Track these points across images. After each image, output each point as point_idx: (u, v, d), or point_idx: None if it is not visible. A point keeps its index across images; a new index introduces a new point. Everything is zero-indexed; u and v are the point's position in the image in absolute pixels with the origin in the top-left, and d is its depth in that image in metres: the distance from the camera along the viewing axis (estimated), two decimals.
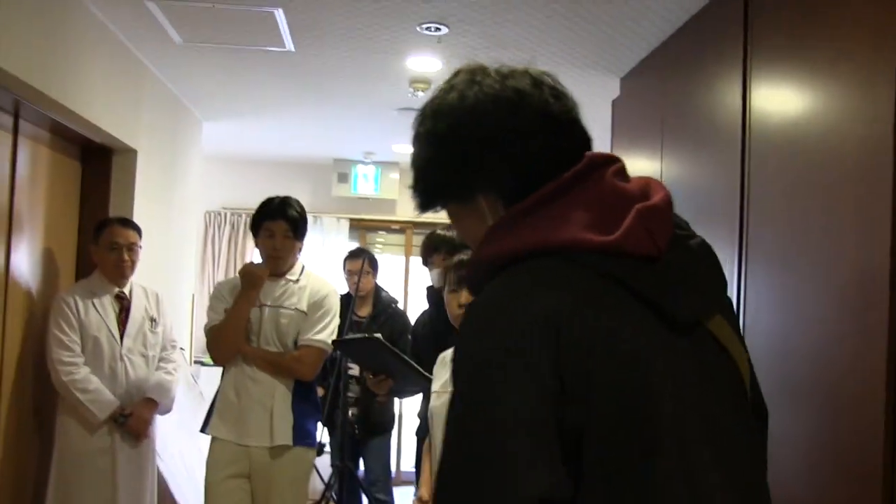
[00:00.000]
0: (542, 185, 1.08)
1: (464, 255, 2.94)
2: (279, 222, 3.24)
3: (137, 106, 4.07)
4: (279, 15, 3.26)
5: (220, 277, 6.43)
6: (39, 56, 2.98)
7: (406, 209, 7.10)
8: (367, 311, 4.69)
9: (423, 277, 7.22)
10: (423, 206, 1.23)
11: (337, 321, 3.40)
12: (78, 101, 3.31)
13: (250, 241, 6.65)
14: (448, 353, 2.91)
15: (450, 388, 3.21)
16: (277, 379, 3.22)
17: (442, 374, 2.84)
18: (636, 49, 3.59)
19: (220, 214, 6.71)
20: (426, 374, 3.08)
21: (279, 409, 3.22)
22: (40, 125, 3.48)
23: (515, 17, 3.26)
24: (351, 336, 3.81)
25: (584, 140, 1.16)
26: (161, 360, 3.61)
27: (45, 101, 3.10)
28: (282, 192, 3.38)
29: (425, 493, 2.78)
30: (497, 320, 0.99)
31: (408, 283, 7.29)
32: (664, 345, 1.01)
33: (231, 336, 3.21)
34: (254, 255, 6.54)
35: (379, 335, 3.37)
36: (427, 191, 1.21)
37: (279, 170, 6.84)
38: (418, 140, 1.19)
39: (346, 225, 6.96)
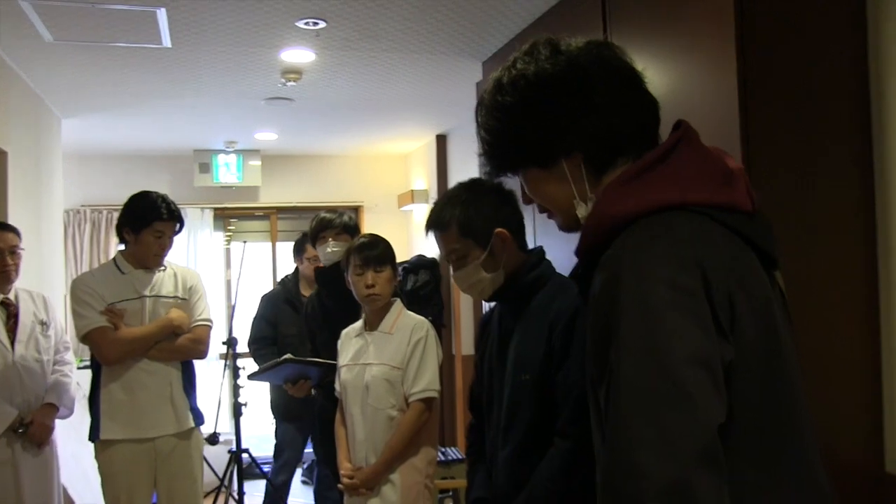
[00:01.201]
0: (624, 147, 1.19)
1: (364, 238, 3.12)
2: (169, 223, 3.35)
3: (3, 107, 3.96)
4: (161, 14, 3.29)
5: None
6: None
7: (269, 195, 7.14)
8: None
9: (289, 262, 7.34)
10: (499, 171, 1.30)
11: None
12: None
13: (113, 238, 6.51)
14: (350, 329, 3.08)
15: (362, 361, 3.34)
16: (170, 366, 3.35)
17: (348, 348, 3.03)
18: (498, 36, 3.85)
19: (79, 212, 6.52)
20: (334, 362, 3.17)
21: (177, 395, 3.36)
22: None
23: (389, 10, 3.45)
24: (264, 366, 3.91)
25: (656, 105, 1.25)
26: (55, 363, 3.56)
27: None
28: (142, 186, 3.46)
29: (348, 465, 2.92)
30: (661, 267, 1.04)
31: (275, 269, 7.35)
32: (771, 287, 1.16)
33: (145, 346, 3.29)
34: (113, 250, 6.42)
35: (289, 355, 3.53)
36: (508, 156, 1.27)
37: (138, 163, 6.72)
38: (499, 109, 1.24)
39: (210, 215, 6.92)
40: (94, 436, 3.29)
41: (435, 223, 2.10)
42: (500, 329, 2.12)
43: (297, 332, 4.56)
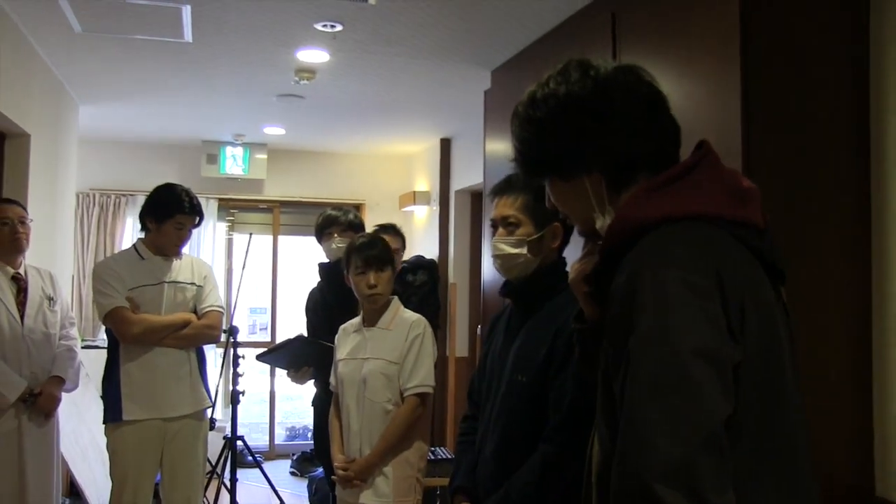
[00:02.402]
0: (643, 169, 1.28)
1: (364, 238, 3.19)
2: (191, 217, 3.48)
3: (28, 90, 4.08)
4: (185, 10, 3.41)
5: (90, 259, 6.38)
6: None
7: (273, 189, 7.26)
8: None
9: (289, 255, 7.45)
10: (527, 176, 1.41)
11: None
12: None
13: (120, 222, 6.63)
14: (348, 325, 3.17)
15: (360, 356, 3.43)
16: (186, 349, 3.47)
17: (345, 343, 3.11)
18: (509, 46, 3.96)
19: (88, 196, 6.62)
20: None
21: (194, 376, 3.49)
22: None
23: (403, 16, 3.56)
24: (275, 345, 3.98)
25: (678, 131, 1.33)
26: (61, 337, 3.66)
27: None
28: (151, 174, 3.63)
29: (342, 457, 2.99)
30: (680, 268, 1.12)
31: (276, 261, 7.47)
32: (777, 299, 1.24)
33: (163, 333, 3.40)
34: (125, 237, 6.54)
35: (302, 332, 3.61)
36: (533, 165, 1.37)
37: (148, 151, 6.84)
38: (529, 122, 1.34)
39: (214, 205, 7.03)
40: (114, 417, 3.34)
41: (506, 187, 2.15)
42: (508, 327, 2.20)
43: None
